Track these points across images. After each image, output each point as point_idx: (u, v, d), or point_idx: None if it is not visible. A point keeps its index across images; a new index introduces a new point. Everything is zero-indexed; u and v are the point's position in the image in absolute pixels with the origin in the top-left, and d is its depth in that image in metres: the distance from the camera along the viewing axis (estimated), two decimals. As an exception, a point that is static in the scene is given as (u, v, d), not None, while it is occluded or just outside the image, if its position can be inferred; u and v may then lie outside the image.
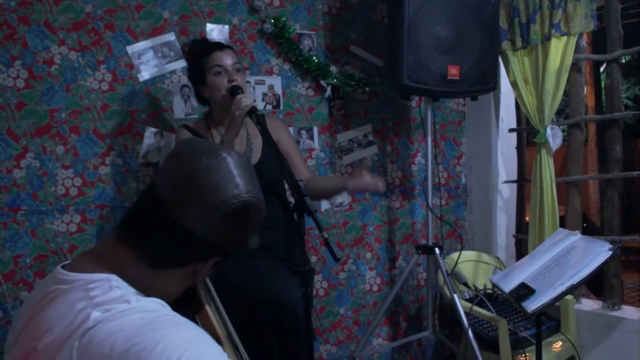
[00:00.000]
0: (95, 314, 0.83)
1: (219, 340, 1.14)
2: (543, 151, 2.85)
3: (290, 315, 2.08)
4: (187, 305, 1.15)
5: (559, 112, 2.95)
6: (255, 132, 2.43)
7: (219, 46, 2.35)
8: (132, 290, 0.92)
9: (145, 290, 0.96)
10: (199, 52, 2.34)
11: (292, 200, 2.09)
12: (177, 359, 0.76)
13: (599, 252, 1.98)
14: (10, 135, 2.47)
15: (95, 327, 0.81)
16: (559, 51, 2.78)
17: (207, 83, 2.31)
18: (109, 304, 0.85)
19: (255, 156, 2.39)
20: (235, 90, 2.23)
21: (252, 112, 2.14)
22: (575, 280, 1.93)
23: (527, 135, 3.37)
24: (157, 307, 0.89)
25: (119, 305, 0.85)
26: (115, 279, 0.91)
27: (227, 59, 2.30)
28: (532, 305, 1.93)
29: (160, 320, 0.84)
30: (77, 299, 0.87)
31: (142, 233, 0.98)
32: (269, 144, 2.36)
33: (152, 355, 0.76)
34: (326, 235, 1.77)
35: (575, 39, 2.77)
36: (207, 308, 1.18)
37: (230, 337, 1.30)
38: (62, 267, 0.98)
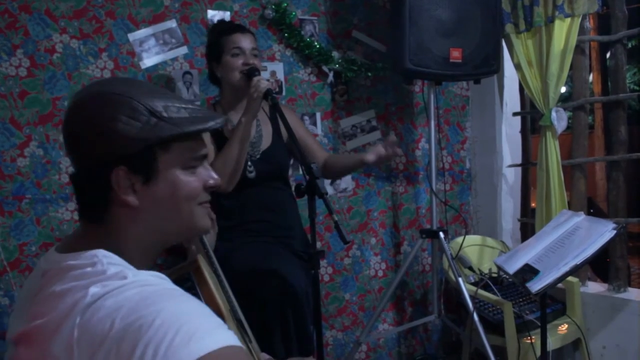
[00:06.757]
0: (94, 290, 0.82)
1: (221, 314, 1.14)
2: (548, 134, 2.82)
3: (291, 297, 2.09)
4: (190, 277, 1.16)
5: (564, 100, 2.93)
6: (264, 119, 2.45)
7: (240, 29, 2.38)
8: (124, 262, 0.92)
9: (133, 251, 0.96)
10: (220, 31, 2.36)
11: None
12: (175, 332, 0.76)
13: (603, 232, 1.97)
14: (13, 124, 2.47)
15: (96, 303, 0.81)
16: (563, 33, 2.75)
17: (222, 62, 2.33)
18: (106, 280, 0.85)
19: (265, 143, 2.41)
20: (252, 72, 2.26)
21: (268, 94, 2.17)
22: (579, 260, 1.93)
23: (532, 122, 3.35)
24: (156, 280, 0.89)
25: (116, 281, 0.84)
26: (102, 254, 0.91)
27: (247, 43, 2.33)
28: (536, 285, 1.93)
29: (158, 294, 0.83)
30: (73, 277, 0.87)
31: (79, 193, 0.98)
32: (279, 131, 2.39)
33: (150, 331, 0.76)
34: (336, 218, 1.77)
35: (580, 20, 2.74)
36: (210, 282, 1.18)
37: (233, 311, 1.31)
38: (55, 249, 0.98)
